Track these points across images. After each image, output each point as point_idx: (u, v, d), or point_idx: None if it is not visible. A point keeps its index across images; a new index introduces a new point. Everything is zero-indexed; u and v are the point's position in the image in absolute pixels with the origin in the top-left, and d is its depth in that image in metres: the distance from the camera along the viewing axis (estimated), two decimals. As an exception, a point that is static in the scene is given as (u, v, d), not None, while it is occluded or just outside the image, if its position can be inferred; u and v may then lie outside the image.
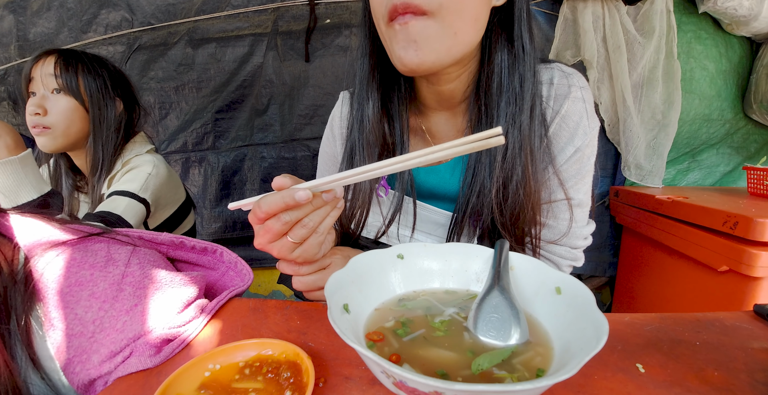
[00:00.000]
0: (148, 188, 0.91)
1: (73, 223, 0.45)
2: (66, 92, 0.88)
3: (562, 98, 0.55)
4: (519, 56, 0.51)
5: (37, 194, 0.73)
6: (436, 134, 0.63)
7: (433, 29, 0.45)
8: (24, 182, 0.71)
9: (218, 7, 1.51)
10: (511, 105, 0.52)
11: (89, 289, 0.39)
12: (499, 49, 0.52)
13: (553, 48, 1.48)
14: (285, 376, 0.32)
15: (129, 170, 0.93)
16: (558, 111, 0.55)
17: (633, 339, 0.40)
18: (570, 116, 0.55)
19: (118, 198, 0.86)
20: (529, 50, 0.52)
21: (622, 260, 1.59)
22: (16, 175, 0.71)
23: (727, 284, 1.05)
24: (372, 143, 0.58)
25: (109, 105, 0.94)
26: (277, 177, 0.38)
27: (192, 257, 0.53)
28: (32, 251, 0.39)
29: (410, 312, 0.38)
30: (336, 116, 0.69)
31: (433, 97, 0.58)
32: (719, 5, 1.32)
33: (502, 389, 0.23)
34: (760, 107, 1.49)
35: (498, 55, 0.52)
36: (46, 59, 0.88)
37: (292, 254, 0.42)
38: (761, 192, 1.26)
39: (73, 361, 0.37)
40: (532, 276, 0.40)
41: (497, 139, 0.29)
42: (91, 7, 1.48)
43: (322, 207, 0.39)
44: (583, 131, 0.56)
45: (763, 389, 0.32)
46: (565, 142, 0.56)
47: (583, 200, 0.59)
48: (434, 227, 0.66)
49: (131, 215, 0.85)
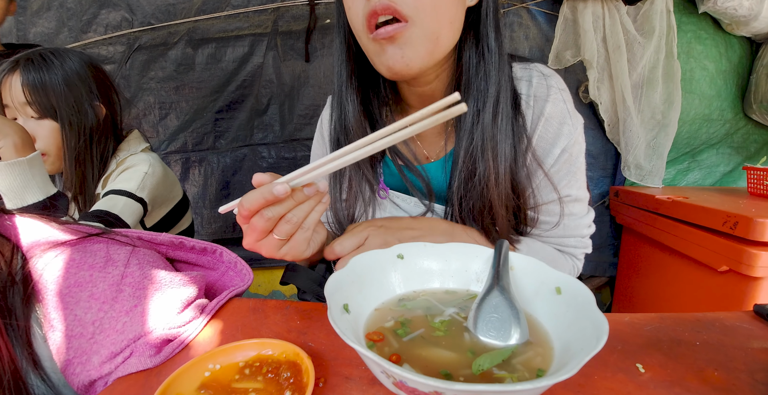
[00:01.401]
0: (145, 188, 0.90)
1: (73, 223, 0.45)
2: (45, 117, 0.83)
3: (542, 101, 0.56)
4: (485, 54, 0.53)
5: (44, 195, 0.72)
6: (422, 134, 0.64)
7: (416, 35, 0.47)
8: (31, 183, 0.71)
9: (218, 7, 1.51)
10: (477, 101, 0.54)
11: (89, 290, 0.39)
12: (467, 48, 0.54)
13: (553, 48, 1.48)
14: (285, 376, 0.32)
15: (125, 169, 0.92)
16: (540, 114, 0.57)
17: (633, 339, 0.40)
18: (553, 118, 0.57)
19: (115, 197, 0.85)
20: (494, 48, 0.53)
21: (622, 260, 1.59)
22: (24, 176, 0.70)
23: (727, 284, 1.05)
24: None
25: (89, 114, 0.87)
26: (257, 174, 0.38)
27: (191, 257, 0.53)
28: (31, 251, 0.39)
29: (410, 312, 0.38)
30: (324, 119, 0.70)
31: (415, 98, 0.60)
32: (719, 5, 1.32)
33: (502, 389, 0.23)
34: (760, 107, 1.49)
35: (466, 54, 0.54)
36: (11, 79, 0.80)
37: (279, 252, 0.42)
38: (761, 192, 1.26)
39: (73, 362, 0.37)
40: (532, 276, 0.40)
41: (459, 107, 0.29)
42: (91, 7, 1.48)
43: (305, 202, 0.39)
44: (567, 131, 0.57)
45: (763, 389, 0.32)
46: (550, 144, 0.57)
47: (579, 195, 0.61)
48: None
49: (128, 214, 0.84)
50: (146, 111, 1.58)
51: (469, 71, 0.54)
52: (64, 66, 0.84)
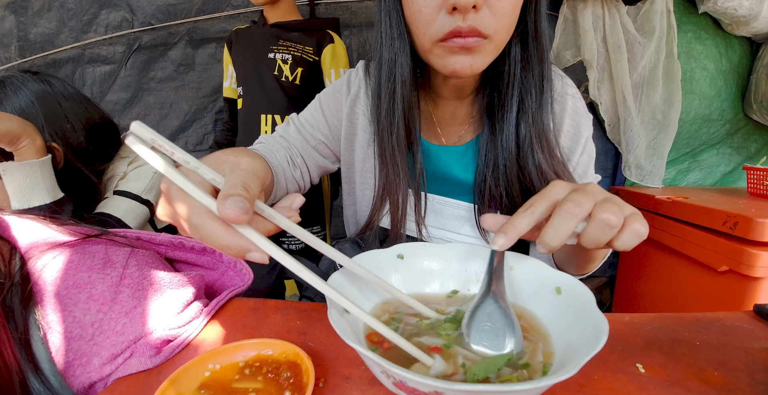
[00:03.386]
0: (153, 188, 0.88)
1: (71, 224, 0.45)
2: None
3: (562, 97, 0.61)
4: (529, 48, 0.55)
5: (51, 198, 0.72)
6: (443, 120, 0.66)
7: (488, 48, 0.49)
8: (40, 186, 0.71)
9: (218, 7, 1.52)
10: (523, 94, 0.56)
11: (87, 291, 0.39)
12: (513, 43, 0.55)
13: (553, 48, 1.48)
14: (285, 376, 0.32)
15: (135, 167, 0.89)
16: (563, 108, 0.61)
17: (633, 339, 0.40)
18: (575, 111, 0.62)
19: (119, 199, 0.84)
20: (544, 43, 0.55)
21: (622, 260, 1.59)
22: (34, 178, 0.70)
23: (727, 284, 1.05)
24: (402, 124, 0.59)
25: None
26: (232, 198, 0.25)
27: (191, 257, 0.53)
28: (30, 252, 0.39)
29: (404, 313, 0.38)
30: (354, 77, 0.69)
31: (446, 88, 0.61)
32: (719, 5, 1.32)
33: (502, 389, 0.23)
34: (760, 107, 1.49)
35: (513, 49, 0.55)
36: None
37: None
38: (761, 192, 1.26)
39: (72, 364, 0.37)
40: (532, 276, 0.40)
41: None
42: (92, 8, 1.48)
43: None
44: (586, 122, 0.63)
45: (763, 389, 0.32)
46: (577, 135, 0.62)
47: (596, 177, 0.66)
48: (458, 224, 0.66)
49: (132, 218, 0.83)
50: (146, 111, 1.58)
51: (516, 66, 0.56)
52: (3, 106, 0.73)
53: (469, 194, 0.65)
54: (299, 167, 0.67)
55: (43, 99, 0.77)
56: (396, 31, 0.54)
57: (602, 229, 0.30)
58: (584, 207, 0.31)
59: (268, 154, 0.63)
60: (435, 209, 0.67)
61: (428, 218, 0.66)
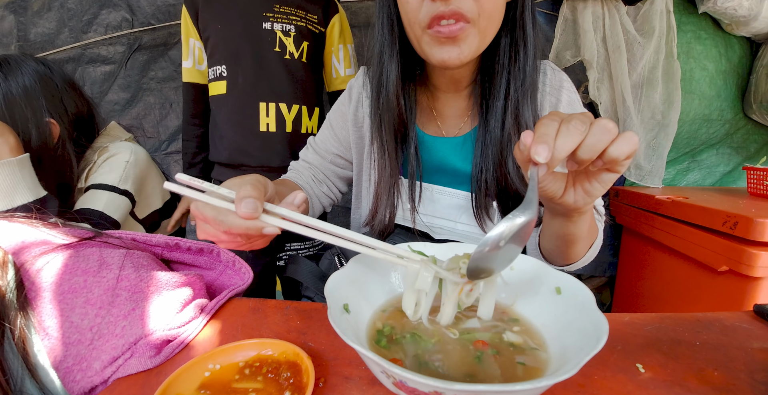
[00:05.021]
0: (129, 178, 0.87)
1: (64, 227, 0.45)
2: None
3: (558, 90, 0.63)
4: (518, 43, 0.57)
5: (33, 197, 0.72)
6: (442, 113, 0.68)
7: (473, 34, 0.51)
8: (21, 184, 0.71)
9: (218, 8, 1.51)
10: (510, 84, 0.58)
11: (83, 296, 0.38)
12: (503, 37, 0.57)
13: (553, 48, 1.48)
14: (285, 376, 0.32)
15: (106, 158, 0.88)
16: (558, 101, 0.63)
17: (633, 339, 0.40)
18: (570, 104, 0.63)
19: (97, 192, 0.83)
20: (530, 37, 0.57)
21: (622, 260, 1.59)
22: (14, 177, 0.70)
23: (727, 284, 1.05)
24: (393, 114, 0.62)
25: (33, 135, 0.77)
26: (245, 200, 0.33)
27: (188, 257, 0.52)
28: (23, 257, 0.39)
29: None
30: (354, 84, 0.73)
31: (444, 80, 0.64)
32: (719, 5, 1.32)
33: (502, 389, 0.23)
34: (760, 107, 1.49)
35: (503, 41, 0.58)
36: None
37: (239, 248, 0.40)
38: (761, 192, 1.26)
39: (72, 370, 0.37)
40: (532, 276, 0.40)
41: None
42: (92, 8, 1.48)
43: None
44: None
45: (763, 389, 0.32)
46: None
47: None
48: (456, 213, 0.68)
49: (113, 209, 0.82)
50: (146, 111, 1.58)
51: (504, 57, 0.58)
52: (8, 81, 0.77)
53: (467, 184, 0.67)
54: (324, 182, 0.75)
55: (42, 79, 0.81)
56: (387, 23, 0.58)
57: (600, 134, 0.32)
58: (587, 124, 0.33)
59: (297, 178, 0.72)
60: (434, 198, 0.68)
61: (426, 208, 0.68)
